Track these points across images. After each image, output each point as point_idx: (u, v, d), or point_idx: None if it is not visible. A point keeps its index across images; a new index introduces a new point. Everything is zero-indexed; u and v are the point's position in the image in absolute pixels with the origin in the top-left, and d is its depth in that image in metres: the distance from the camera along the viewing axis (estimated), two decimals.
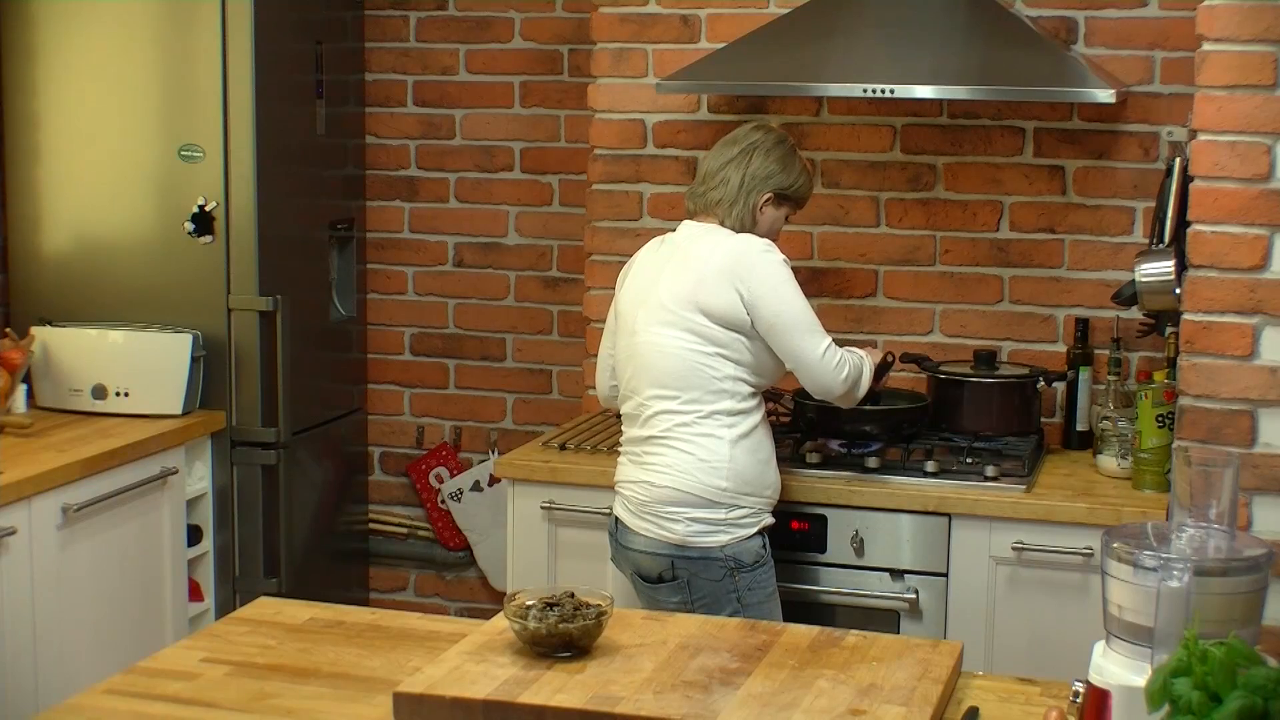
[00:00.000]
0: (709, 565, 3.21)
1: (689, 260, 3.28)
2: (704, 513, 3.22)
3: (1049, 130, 3.92)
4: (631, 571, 3.33)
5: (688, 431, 3.24)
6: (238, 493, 4.24)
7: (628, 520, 3.31)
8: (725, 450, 3.23)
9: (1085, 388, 3.85)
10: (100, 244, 4.22)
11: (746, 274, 3.22)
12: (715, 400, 3.23)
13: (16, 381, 3.91)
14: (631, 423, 3.35)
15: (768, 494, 3.30)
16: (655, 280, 3.32)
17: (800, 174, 3.40)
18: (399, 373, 4.83)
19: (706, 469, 3.22)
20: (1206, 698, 1.72)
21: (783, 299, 3.23)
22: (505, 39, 4.63)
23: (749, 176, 3.34)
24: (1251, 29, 2.84)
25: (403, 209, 4.76)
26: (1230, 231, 2.88)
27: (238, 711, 2.23)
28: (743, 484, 3.24)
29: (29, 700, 3.45)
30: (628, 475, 3.33)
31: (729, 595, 3.21)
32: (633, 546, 3.29)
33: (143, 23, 4.14)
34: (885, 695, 2.19)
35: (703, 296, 3.22)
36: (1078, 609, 3.37)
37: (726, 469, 3.22)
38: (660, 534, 3.25)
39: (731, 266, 3.22)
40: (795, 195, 3.41)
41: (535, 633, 2.31)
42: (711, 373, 3.23)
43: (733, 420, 3.24)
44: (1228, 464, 2.05)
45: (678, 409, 3.24)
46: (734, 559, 3.22)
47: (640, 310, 3.31)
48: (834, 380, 3.28)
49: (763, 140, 3.38)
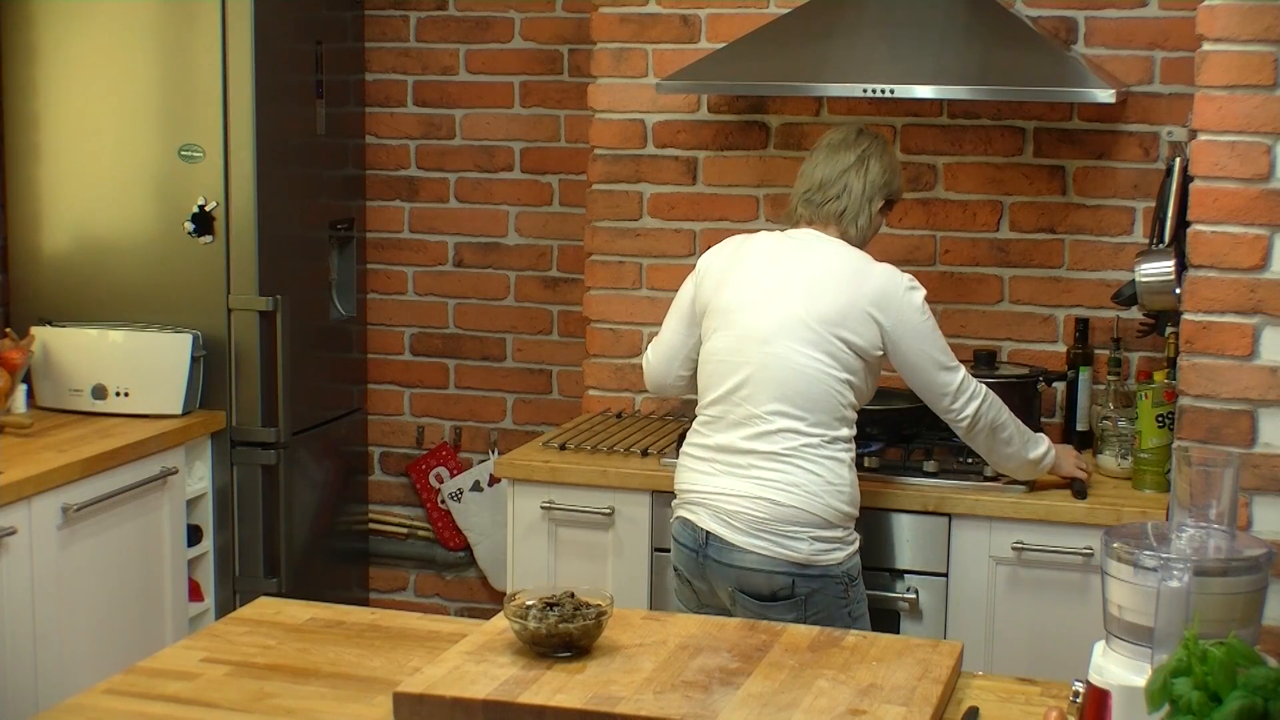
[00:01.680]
0: (828, 582, 3.16)
1: (828, 279, 3.21)
2: (826, 532, 3.17)
3: (1049, 130, 3.92)
4: (733, 588, 3.19)
5: (815, 453, 3.17)
6: (238, 493, 4.24)
7: (731, 537, 3.16)
8: (847, 474, 3.21)
9: (1085, 388, 3.85)
10: (100, 244, 4.22)
11: (893, 310, 3.20)
12: (839, 426, 3.20)
13: (16, 381, 3.91)
14: (730, 429, 3.20)
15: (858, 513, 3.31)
16: (785, 289, 3.21)
17: (900, 176, 3.43)
18: (399, 373, 4.83)
19: (833, 492, 3.17)
20: (1206, 698, 1.72)
21: (932, 327, 3.27)
22: (505, 39, 4.63)
23: (869, 185, 3.32)
24: (1251, 29, 2.84)
25: (403, 209, 4.76)
26: (1230, 231, 2.88)
27: (238, 711, 2.23)
28: (854, 505, 3.24)
29: (29, 700, 3.45)
30: (722, 487, 3.18)
31: (842, 609, 3.16)
32: (741, 564, 3.16)
33: (143, 23, 4.14)
34: (885, 695, 2.19)
35: (850, 323, 3.17)
36: (1078, 609, 3.37)
37: (849, 493, 3.21)
38: (782, 553, 3.14)
39: (879, 300, 3.19)
40: (899, 199, 3.44)
41: (535, 633, 2.30)
42: (840, 399, 3.18)
43: (850, 446, 3.23)
44: (1228, 464, 2.05)
45: (806, 430, 3.16)
46: (848, 574, 3.20)
47: (769, 318, 3.19)
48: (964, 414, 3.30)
49: (873, 146, 3.35)
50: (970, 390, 3.29)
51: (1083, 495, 3.46)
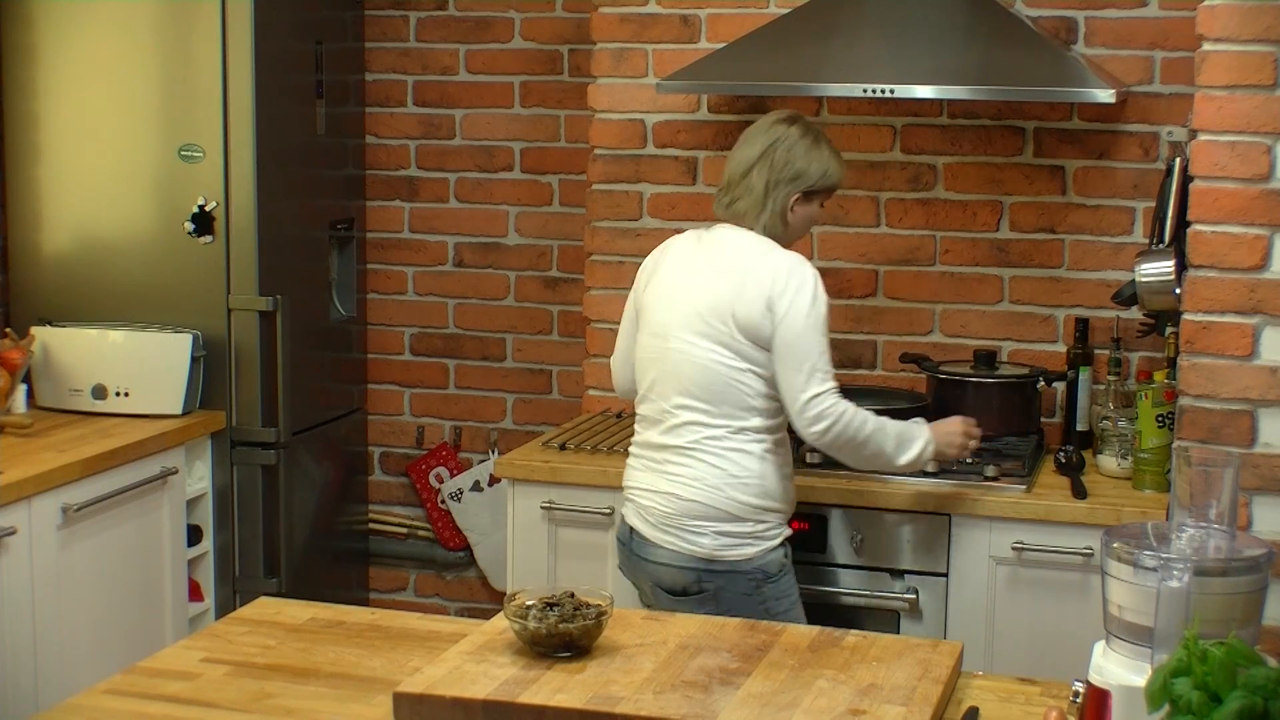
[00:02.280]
0: (737, 578, 3.16)
1: (726, 269, 3.18)
2: (730, 526, 3.16)
3: (1049, 130, 3.92)
4: (652, 584, 3.24)
5: (719, 445, 3.16)
6: (238, 493, 4.24)
7: (646, 532, 3.22)
8: (756, 466, 3.17)
9: (1085, 388, 3.85)
10: (100, 244, 4.22)
11: (782, 294, 3.11)
12: (747, 417, 3.15)
13: (16, 381, 3.91)
14: (650, 427, 3.26)
15: (788, 506, 3.27)
16: (689, 283, 3.22)
17: (828, 162, 3.25)
18: (399, 373, 4.83)
19: (736, 484, 3.16)
20: (1206, 698, 1.73)
21: (808, 329, 3.12)
22: (505, 39, 4.63)
23: (773, 181, 3.22)
24: (1251, 29, 2.84)
25: (403, 209, 4.76)
26: (1230, 231, 2.88)
27: (238, 711, 2.23)
28: (768, 498, 3.19)
29: (29, 700, 3.45)
30: (644, 483, 3.25)
31: (757, 606, 3.15)
32: (654, 559, 3.21)
33: (143, 23, 4.14)
34: (885, 695, 2.19)
35: (744, 313, 3.12)
36: (1078, 609, 3.37)
37: (756, 485, 3.17)
38: (687, 548, 3.17)
39: (771, 284, 3.12)
40: (825, 187, 3.27)
41: (535, 633, 2.30)
42: (743, 389, 3.14)
43: (761, 436, 3.17)
44: (1228, 464, 2.05)
45: (709, 422, 3.16)
46: (761, 570, 3.17)
47: (672, 314, 3.21)
48: (809, 428, 3.14)
49: (784, 136, 3.23)
50: (825, 414, 3.12)
51: (1082, 496, 3.46)
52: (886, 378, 4.06)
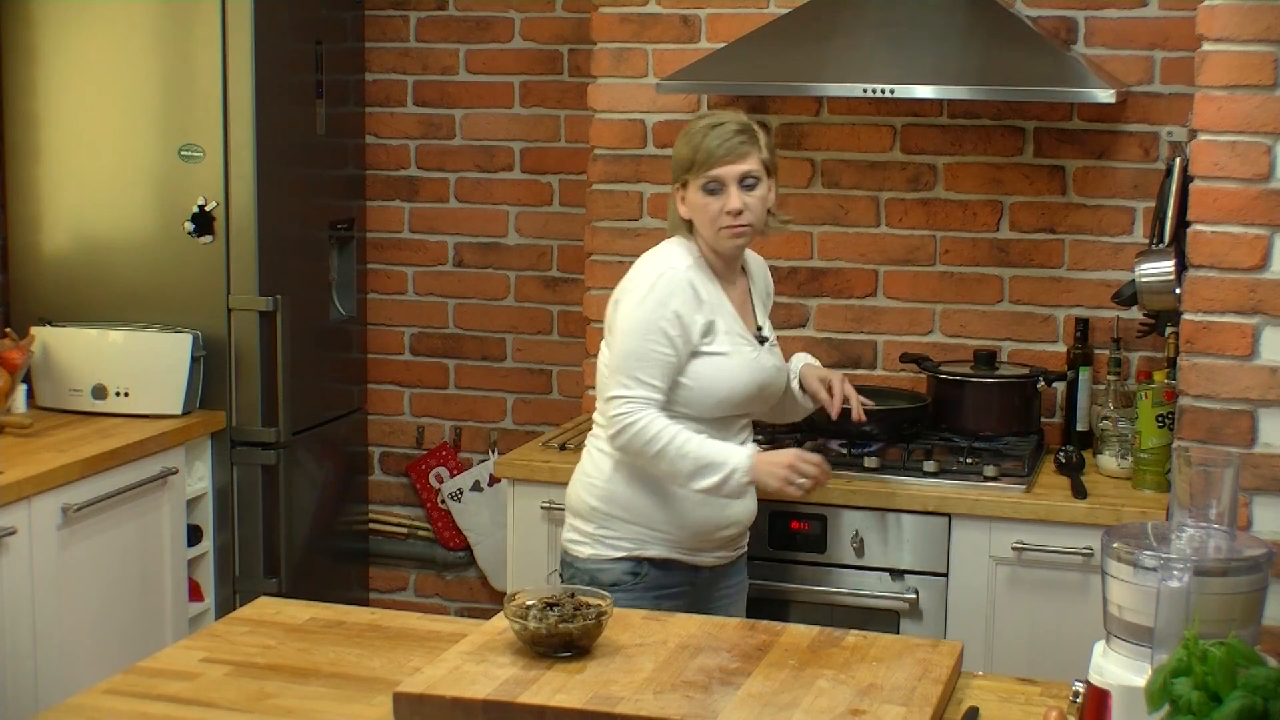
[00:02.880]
0: (576, 574, 3.14)
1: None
2: (577, 521, 3.19)
3: (1049, 130, 3.92)
4: None
5: (592, 441, 3.22)
6: (238, 493, 4.24)
7: None
8: (607, 468, 3.14)
9: (1085, 388, 3.85)
10: (100, 244, 4.22)
11: (621, 292, 3.14)
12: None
13: (16, 381, 3.91)
14: None
15: (663, 529, 3.13)
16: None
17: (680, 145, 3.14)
18: (399, 373, 4.83)
19: (584, 482, 3.18)
20: (1206, 698, 1.73)
21: (625, 331, 3.07)
22: (505, 39, 4.63)
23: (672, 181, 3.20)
24: (1251, 29, 2.84)
25: (403, 209, 4.76)
26: (1230, 231, 2.88)
27: (238, 711, 2.23)
28: (618, 508, 3.13)
29: (29, 700, 3.45)
30: None
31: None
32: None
33: (143, 23, 4.14)
34: (885, 695, 2.19)
35: (609, 308, 3.18)
36: (1078, 609, 3.37)
37: (600, 489, 3.14)
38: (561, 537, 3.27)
39: (621, 283, 3.16)
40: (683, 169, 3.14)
41: (535, 633, 2.30)
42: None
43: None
44: (1228, 464, 2.06)
45: (596, 419, 3.20)
46: (591, 575, 3.10)
47: None
48: (605, 430, 3.10)
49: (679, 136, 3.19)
50: (616, 419, 3.04)
51: (1082, 496, 3.46)
52: (886, 378, 4.06)
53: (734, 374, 3.15)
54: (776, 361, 3.29)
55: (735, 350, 3.15)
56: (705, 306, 3.11)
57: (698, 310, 3.10)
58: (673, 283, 3.09)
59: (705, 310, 3.11)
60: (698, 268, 3.14)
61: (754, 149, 3.11)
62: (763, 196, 3.14)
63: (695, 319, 3.09)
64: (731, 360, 3.14)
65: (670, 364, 3.07)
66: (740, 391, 3.17)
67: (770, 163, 3.16)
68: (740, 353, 3.16)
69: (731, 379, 3.14)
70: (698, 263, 3.15)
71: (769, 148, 3.16)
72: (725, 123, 3.13)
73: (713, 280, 3.16)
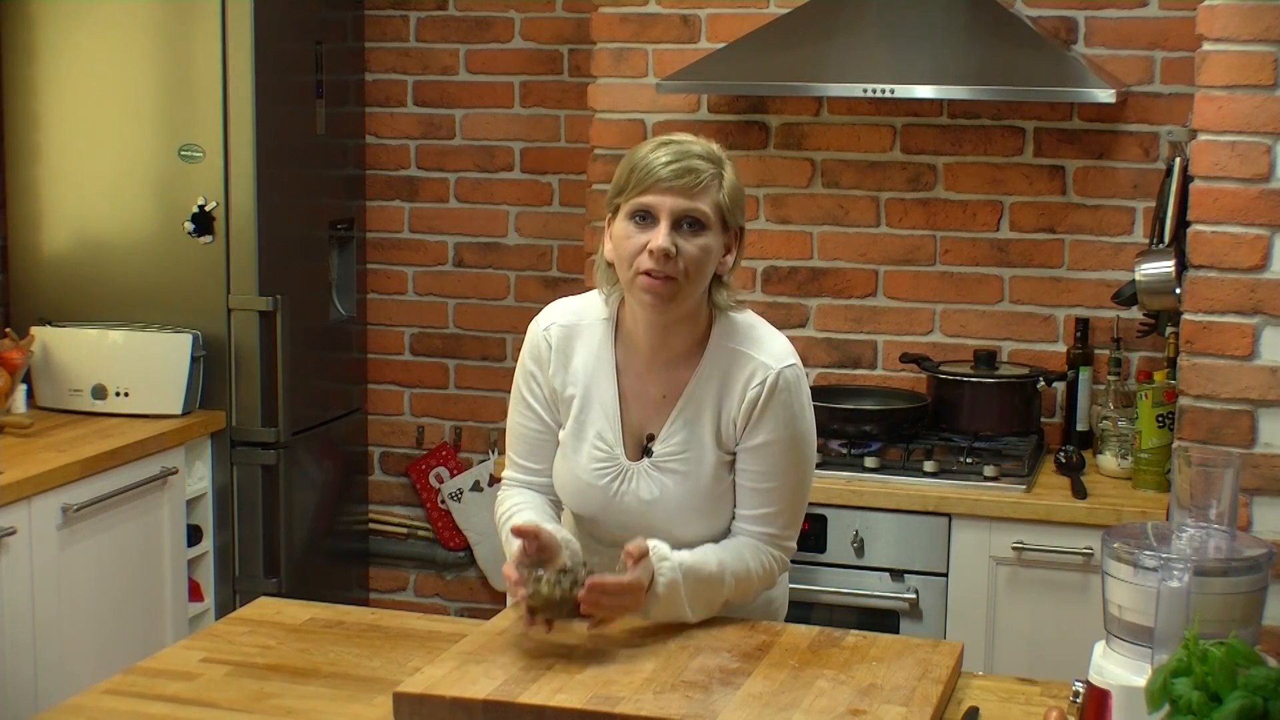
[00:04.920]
0: None
1: None
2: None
3: (1049, 130, 3.92)
4: None
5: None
6: (238, 493, 4.24)
7: None
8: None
9: (1085, 388, 3.85)
10: (100, 244, 4.22)
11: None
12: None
13: (16, 381, 3.91)
14: None
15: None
16: None
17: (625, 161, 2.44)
18: (399, 373, 4.83)
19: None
20: (1206, 698, 1.73)
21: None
22: (505, 39, 4.63)
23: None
24: (1251, 29, 2.84)
25: (403, 209, 4.76)
26: (1230, 231, 2.88)
27: (238, 711, 2.23)
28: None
29: (29, 700, 3.45)
30: None
31: None
32: None
33: (143, 23, 4.14)
34: (885, 695, 2.19)
35: None
36: (1078, 609, 3.37)
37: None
38: None
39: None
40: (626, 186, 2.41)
41: (549, 598, 2.28)
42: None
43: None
44: (1228, 464, 2.05)
45: None
46: None
47: None
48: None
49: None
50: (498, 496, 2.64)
51: (1082, 496, 3.47)
52: (886, 378, 4.06)
53: (563, 477, 2.56)
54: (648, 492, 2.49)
55: (577, 450, 2.52)
56: (573, 376, 2.53)
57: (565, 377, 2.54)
58: (532, 342, 2.57)
59: (571, 381, 2.53)
60: (594, 330, 2.53)
61: (711, 187, 2.40)
62: (706, 249, 2.39)
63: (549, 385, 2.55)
64: (564, 462, 2.55)
65: (539, 438, 2.57)
66: (580, 496, 2.54)
67: (729, 214, 2.42)
68: (582, 454, 2.51)
69: (562, 482, 2.57)
70: (601, 325, 2.53)
71: (733, 198, 2.43)
72: (684, 144, 2.44)
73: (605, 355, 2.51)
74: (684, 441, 2.48)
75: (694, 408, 2.48)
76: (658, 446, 2.49)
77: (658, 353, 2.49)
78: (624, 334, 2.52)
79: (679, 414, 2.49)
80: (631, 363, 2.51)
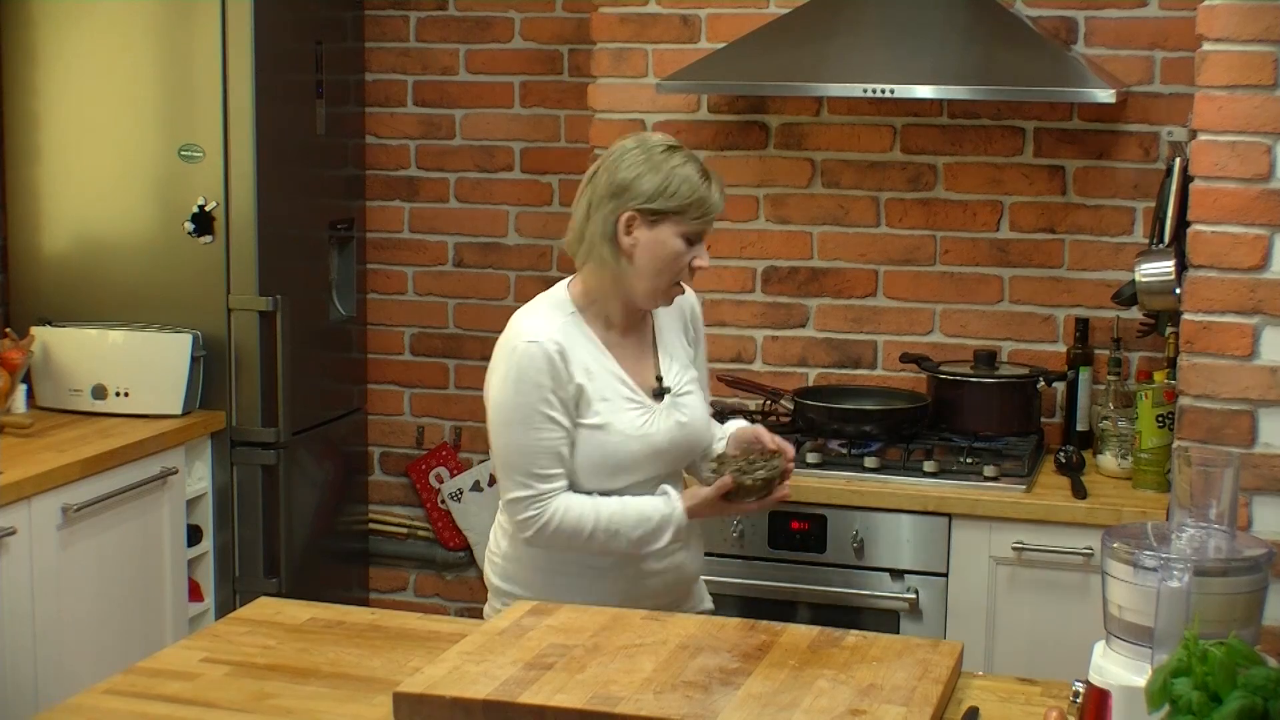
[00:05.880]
0: None
1: None
2: (493, 599, 2.88)
3: (1049, 130, 3.91)
4: None
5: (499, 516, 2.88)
6: (238, 493, 4.24)
7: None
8: (505, 546, 2.85)
9: (1085, 388, 3.85)
10: (100, 244, 4.22)
11: (492, 368, 2.77)
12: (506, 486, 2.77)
13: (16, 381, 3.91)
14: None
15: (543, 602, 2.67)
16: None
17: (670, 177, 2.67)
18: (399, 373, 4.83)
19: (489, 558, 2.89)
20: (1206, 698, 1.73)
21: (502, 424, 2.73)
22: (505, 39, 4.63)
23: (594, 200, 2.72)
24: (1251, 29, 2.84)
25: (403, 209, 4.76)
26: (1230, 231, 2.88)
27: (238, 711, 2.23)
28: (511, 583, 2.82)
29: (29, 700, 3.45)
30: None
31: None
32: None
33: (143, 23, 4.14)
34: (885, 695, 2.19)
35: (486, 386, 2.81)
36: (1078, 609, 3.37)
37: (499, 566, 2.85)
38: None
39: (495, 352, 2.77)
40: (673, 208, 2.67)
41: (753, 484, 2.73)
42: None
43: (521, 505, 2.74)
44: (1228, 464, 2.06)
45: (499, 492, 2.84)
46: None
47: None
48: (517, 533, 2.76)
49: (621, 152, 2.73)
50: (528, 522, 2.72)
51: (1082, 496, 3.46)
52: (886, 378, 4.06)
53: (616, 446, 2.75)
54: (683, 416, 2.83)
55: (615, 418, 2.74)
56: (575, 372, 2.72)
57: (567, 380, 2.70)
58: (536, 359, 2.69)
59: (575, 377, 2.71)
60: (573, 325, 2.75)
61: None
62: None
63: (568, 390, 2.71)
64: (609, 433, 2.74)
65: (563, 444, 2.71)
66: (628, 463, 2.77)
67: None
68: (621, 420, 2.75)
69: (616, 452, 2.75)
70: (572, 319, 2.76)
71: None
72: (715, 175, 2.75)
73: (591, 339, 2.77)
74: (680, 369, 2.89)
75: (666, 341, 2.89)
76: (670, 383, 2.85)
77: (632, 323, 2.84)
78: (590, 314, 2.80)
79: (663, 352, 2.88)
80: (608, 334, 2.80)
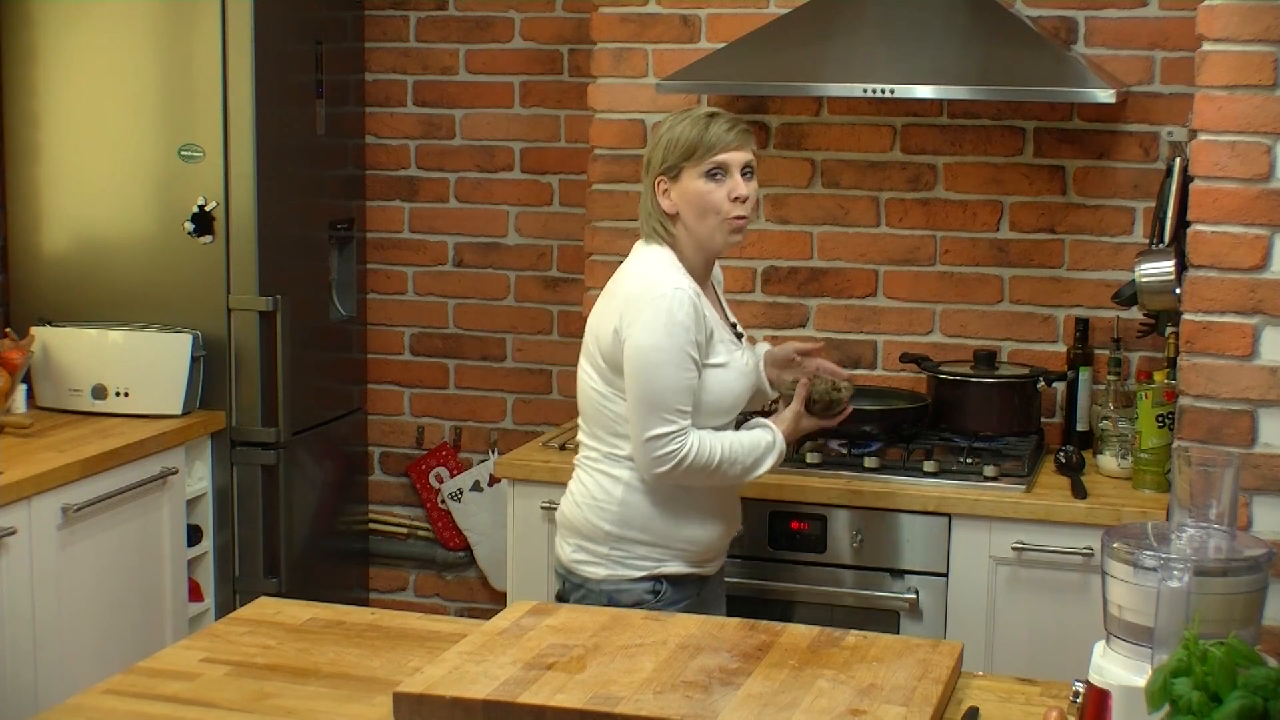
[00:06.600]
0: (588, 594, 3.05)
1: (608, 289, 3.10)
2: (587, 543, 3.07)
3: (1049, 130, 3.92)
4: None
5: (592, 466, 3.09)
6: (238, 493, 4.24)
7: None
8: (619, 493, 3.03)
9: (1085, 388, 3.85)
10: (100, 244, 4.22)
11: (627, 324, 2.96)
12: (617, 443, 3.04)
13: (16, 381, 3.91)
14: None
15: (681, 546, 3.07)
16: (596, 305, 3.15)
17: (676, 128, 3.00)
18: (399, 373, 4.83)
19: (594, 506, 3.05)
20: (1206, 698, 1.73)
21: (656, 364, 2.94)
22: (505, 39, 4.63)
23: (646, 181, 3.08)
24: (1251, 29, 2.84)
25: (403, 209, 4.76)
26: (1230, 231, 2.88)
27: (238, 711, 2.23)
28: (632, 529, 3.03)
29: (29, 700, 3.45)
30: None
31: None
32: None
33: (143, 23, 4.14)
34: (885, 695, 2.19)
35: (601, 333, 3.03)
36: (1078, 609, 3.37)
37: (614, 513, 3.03)
38: (558, 554, 3.14)
39: (621, 311, 2.98)
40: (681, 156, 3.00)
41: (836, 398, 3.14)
42: (609, 414, 3.04)
43: (632, 464, 3.02)
44: (1228, 464, 2.06)
45: (589, 442, 3.10)
46: (610, 596, 3.02)
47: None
48: (649, 468, 2.98)
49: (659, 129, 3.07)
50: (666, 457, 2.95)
51: (1082, 496, 3.46)
52: (886, 378, 4.06)
53: (734, 383, 3.07)
54: (754, 357, 3.21)
55: (730, 359, 3.06)
56: (707, 319, 3.00)
57: (704, 324, 2.98)
58: (685, 304, 2.95)
59: (707, 323, 3.00)
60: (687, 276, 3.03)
61: (752, 141, 3.05)
62: (756, 192, 3.06)
63: (704, 333, 2.99)
64: (729, 370, 3.06)
65: (696, 383, 2.98)
66: (741, 398, 3.11)
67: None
68: (734, 360, 3.07)
69: (734, 389, 3.07)
70: (684, 273, 3.03)
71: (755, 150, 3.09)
72: (721, 114, 3.04)
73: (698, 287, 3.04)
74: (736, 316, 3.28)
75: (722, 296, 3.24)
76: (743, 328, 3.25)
77: (709, 274, 3.14)
78: (690, 270, 3.04)
79: (725, 304, 3.23)
80: (703, 288, 3.05)
